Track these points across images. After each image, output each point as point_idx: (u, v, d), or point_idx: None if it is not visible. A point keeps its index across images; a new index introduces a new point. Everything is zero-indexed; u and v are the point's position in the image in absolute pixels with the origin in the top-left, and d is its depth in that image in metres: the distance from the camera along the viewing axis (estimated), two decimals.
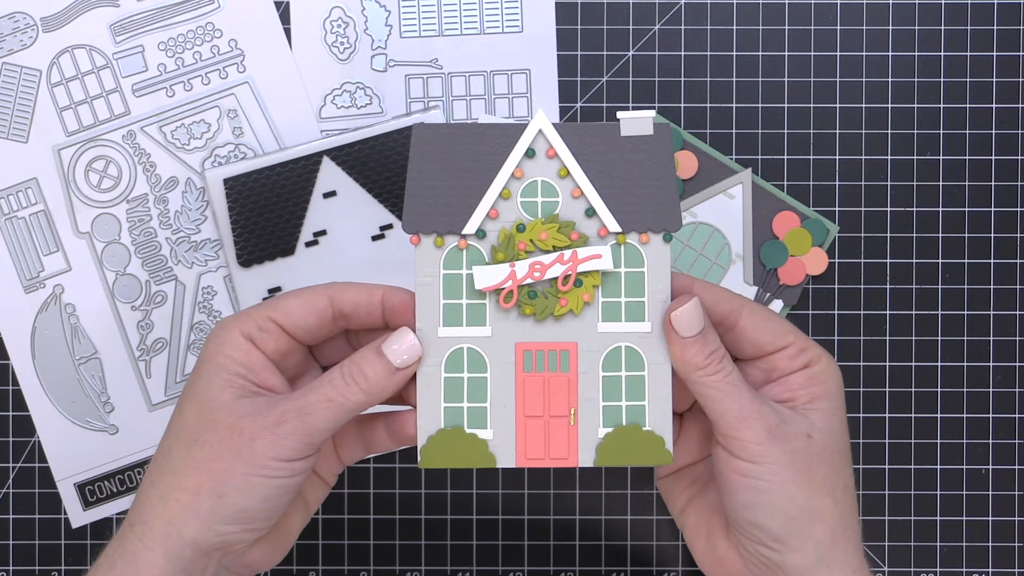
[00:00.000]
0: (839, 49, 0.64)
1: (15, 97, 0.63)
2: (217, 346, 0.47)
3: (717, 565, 0.51)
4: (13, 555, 0.63)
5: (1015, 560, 0.64)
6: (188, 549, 0.46)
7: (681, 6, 0.64)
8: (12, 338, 0.63)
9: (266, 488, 0.46)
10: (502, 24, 0.63)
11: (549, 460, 0.48)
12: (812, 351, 0.49)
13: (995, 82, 0.64)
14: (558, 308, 0.47)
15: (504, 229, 0.48)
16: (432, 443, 0.48)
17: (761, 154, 0.64)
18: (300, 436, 0.45)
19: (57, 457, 0.63)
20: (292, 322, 0.48)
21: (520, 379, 0.48)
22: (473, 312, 0.48)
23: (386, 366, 0.47)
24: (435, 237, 0.48)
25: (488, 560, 0.64)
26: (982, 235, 0.64)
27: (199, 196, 0.63)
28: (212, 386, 0.47)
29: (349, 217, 0.62)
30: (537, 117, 0.47)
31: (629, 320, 0.48)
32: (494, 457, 0.48)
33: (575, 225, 0.48)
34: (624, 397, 0.48)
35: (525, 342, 0.48)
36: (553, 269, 0.47)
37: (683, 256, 0.63)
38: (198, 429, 0.46)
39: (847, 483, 0.49)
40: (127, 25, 0.63)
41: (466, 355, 0.48)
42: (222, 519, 0.46)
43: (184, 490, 0.46)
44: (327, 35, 0.63)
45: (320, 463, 0.51)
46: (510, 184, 0.48)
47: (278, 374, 0.48)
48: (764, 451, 0.46)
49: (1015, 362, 0.64)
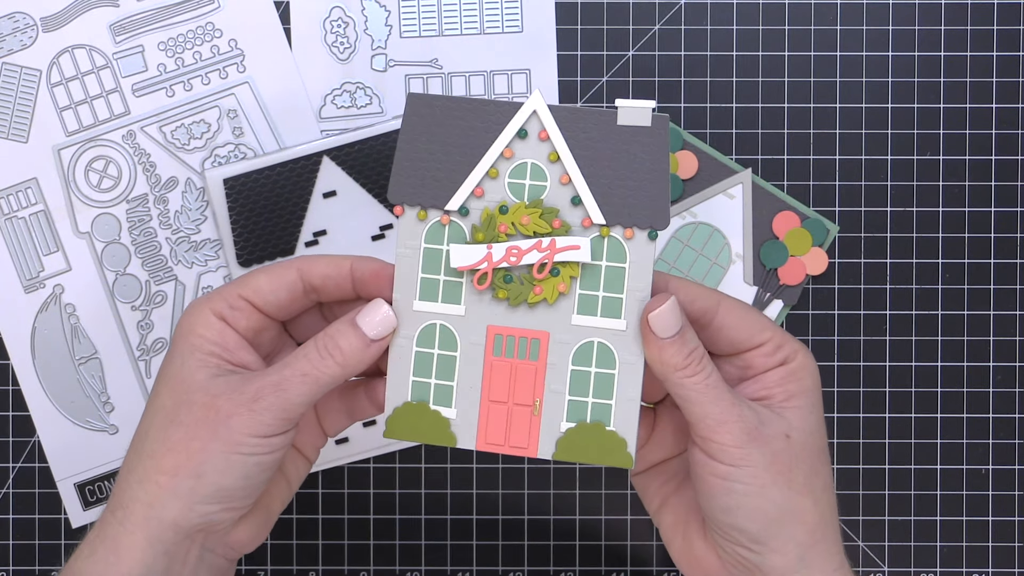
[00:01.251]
0: (839, 49, 0.64)
1: (15, 97, 0.63)
2: (189, 326, 0.47)
3: (694, 565, 0.50)
4: (13, 555, 0.64)
5: (1015, 560, 0.64)
6: (170, 531, 0.46)
7: (681, 6, 0.64)
8: (12, 338, 0.63)
9: (245, 466, 0.45)
10: (502, 24, 0.63)
11: (508, 447, 0.47)
12: (788, 347, 0.48)
13: (995, 82, 0.64)
14: (532, 296, 0.46)
15: (487, 209, 0.47)
16: (397, 415, 0.48)
17: (761, 154, 0.64)
18: (277, 411, 0.45)
19: (57, 457, 0.63)
20: (262, 298, 0.48)
21: (488, 363, 0.47)
22: (449, 289, 0.47)
23: (361, 338, 0.46)
24: (419, 210, 0.47)
25: (488, 560, 0.64)
26: (982, 235, 0.64)
27: (199, 196, 0.63)
28: (186, 366, 0.46)
29: (349, 217, 0.62)
30: (533, 97, 0.46)
31: (605, 316, 0.47)
32: (455, 437, 0.47)
33: (558, 212, 0.46)
34: (591, 393, 0.47)
35: (497, 326, 0.47)
36: (529, 255, 0.46)
37: (683, 256, 0.63)
38: (174, 410, 0.46)
39: (826, 482, 0.48)
40: (127, 25, 0.63)
41: (438, 331, 0.47)
42: (202, 499, 0.45)
43: (162, 472, 0.45)
44: (327, 35, 0.63)
45: (301, 438, 0.51)
46: (499, 163, 0.47)
47: (252, 351, 0.48)
48: (743, 454, 0.45)
49: (1015, 362, 0.64)
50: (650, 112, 0.46)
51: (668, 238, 0.63)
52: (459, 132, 0.47)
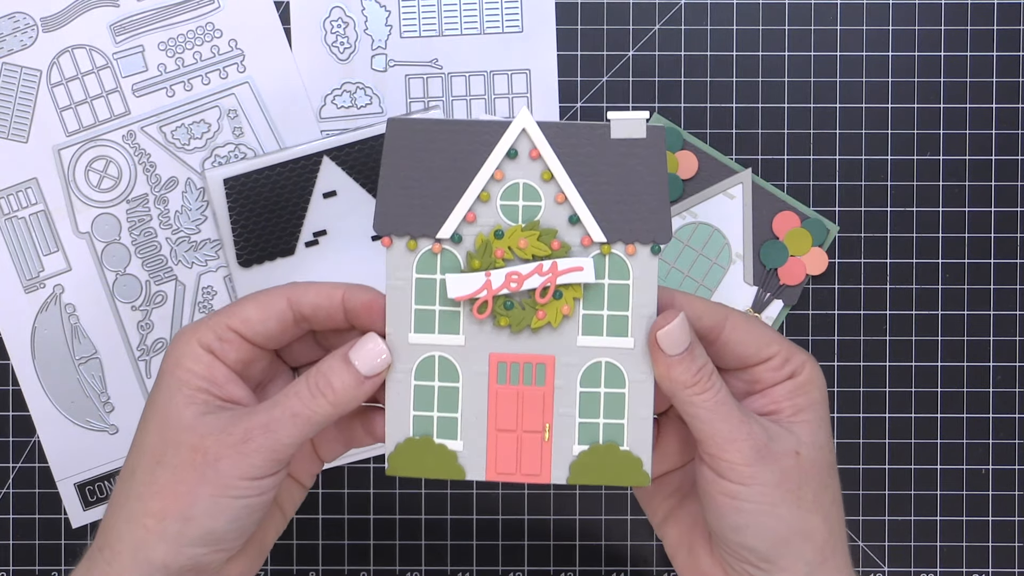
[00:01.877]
0: (839, 49, 0.64)
1: (15, 97, 0.63)
2: (176, 359, 0.45)
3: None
4: (13, 555, 0.63)
5: (1015, 560, 0.64)
6: (159, 574, 0.44)
7: (681, 6, 0.64)
8: (12, 338, 0.63)
9: (234, 509, 0.44)
10: (502, 24, 0.63)
11: (520, 475, 0.46)
12: (796, 360, 0.47)
13: (995, 82, 0.64)
14: (535, 321, 0.45)
15: (481, 235, 0.45)
16: (400, 451, 0.46)
17: (761, 154, 0.64)
18: (267, 453, 0.44)
19: (57, 457, 0.63)
20: (251, 329, 0.46)
21: (493, 391, 0.46)
22: (446, 319, 0.45)
23: (354, 375, 0.44)
24: (408, 240, 0.45)
25: (488, 560, 0.64)
26: (982, 235, 0.64)
27: (199, 196, 0.63)
28: (174, 403, 0.45)
29: (349, 217, 0.62)
30: (520, 115, 0.44)
31: (611, 335, 0.45)
32: (463, 469, 0.46)
33: (557, 233, 0.45)
34: (602, 414, 0.46)
35: (499, 353, 0.45)
36: (531, 280, 0.44)
37: (683, 256, 0.63)
38: (161, 449, 0.44)
39: (835, 495, 0.47)
40: (127, 25, 0.63)
41: (437, 363, 0.46)
42: (190, 542, 0.44)
43: (149, 515, 0.44)
44: (327, 35, 0.63)
45: (296, 465, 0.49)
46: (489, 186, 0.45)
47: (243, 385, 0.46)
48: (753, 473, 0.44)
49: (1015, 362, 0.64)
50: (644, 123, 0.44)
51: None
52: (445, 156, 0.45)
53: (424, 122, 0.45)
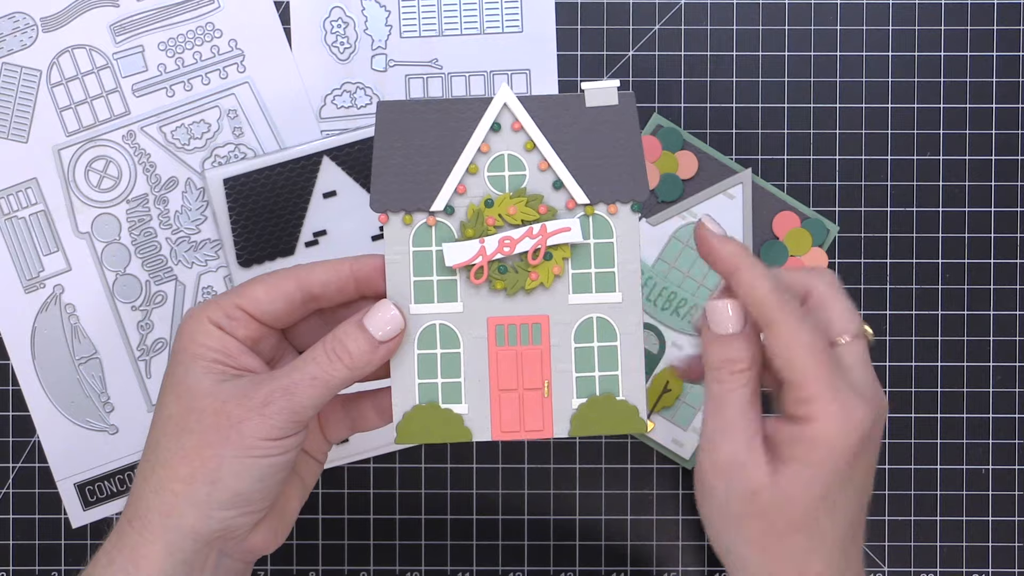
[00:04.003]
0: (839, 49, 0.64)
1: (15, 97, 0.63)
2: (190, 335, 0.47)
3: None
4: (13, 555, 0.63)
5: (1015, 560, 0.64)
6: (188, 540, 0.46)
7: (681, 6, 0.64)
8: (12, 338, 0.63)
9: (259, 468, 0.45)
10: (502, 24, 0.63)
11: (524, 432, 0.48)
12: (819, 404, 0.43)
13: (995, 82, 0.64)
14: (529, 282, 0.48)
15: (472, 205, 0.48)
16: (407, 419, 0.48)
17: (761, 154, 0.64)
18: (287, 415, 0.45)
19: (57, 457, 0.63)
20: (260, 308, 0.47)
21: (493, 353, 0.48)
22: (444, 288, 0.48)
23: (369, 340, 0.46)
24: (403, 215, 0.48)
25: (488, 560, 0.64)
26: (982, 235, 0.64)
27: (199, 196, 0.63)
28: (192, 374, 0.46)
29: (349, 217, 0.62)
30: (501, 91, 0.47)
31: (599, 291, 0.48)
32: (470, 431, 0.48)
33: (543, 198, 0.48)
34: (597, 367, 0.48)
35: (497, 316, 0.48)
36: (523, 244, 0.47)
37: (683, 256, 0.63)
38: (183, 418, 0.46)
39: (816, 544, 0.45)
40: (127, 25, 0.63)
41: (438, 331, 0.48)
42: (218, 505, 0.45)
43: (177, 480, 0.45)
44: (327, 35, 0.63)
45: (308, 443, 0.51)
46: (477, 159, 0.48)
47: (255, 356, 0.48)
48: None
49: (1015, 362, 0.64)
50: (616, 91, 0.47)
51: (668, 238, 0.63)
52: (433, 133, 0.47)
53: (412, 103, 0.48)
